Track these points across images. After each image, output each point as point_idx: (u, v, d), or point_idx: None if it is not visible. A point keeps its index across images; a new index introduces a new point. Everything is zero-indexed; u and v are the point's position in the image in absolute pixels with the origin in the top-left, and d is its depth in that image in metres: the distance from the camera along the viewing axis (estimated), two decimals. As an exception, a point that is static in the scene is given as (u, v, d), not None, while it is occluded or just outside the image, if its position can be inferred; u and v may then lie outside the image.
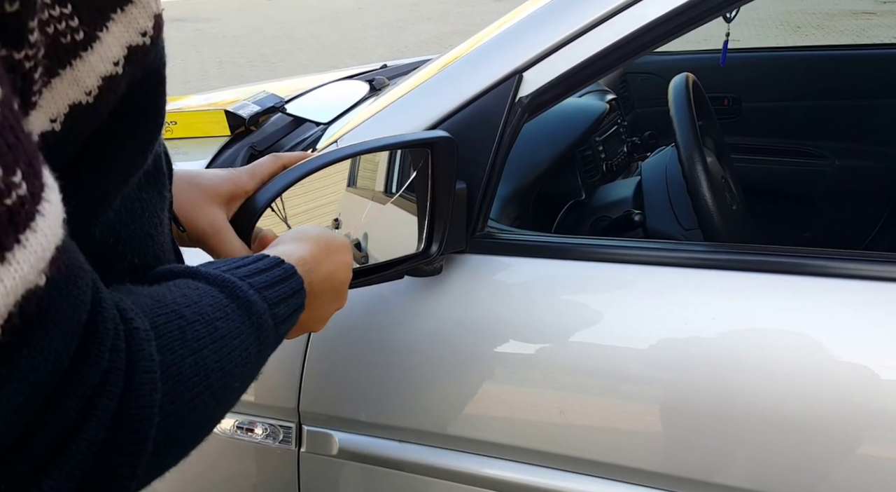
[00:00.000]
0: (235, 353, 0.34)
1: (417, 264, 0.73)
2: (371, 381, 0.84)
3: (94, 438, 0.26)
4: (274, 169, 0.60)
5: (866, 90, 1.73)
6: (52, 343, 0.24)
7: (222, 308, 0.35)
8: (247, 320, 0.36)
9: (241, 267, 0.39)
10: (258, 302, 0.37)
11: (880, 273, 0.68)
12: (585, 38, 0.77)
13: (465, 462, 0.81)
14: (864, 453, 0.66)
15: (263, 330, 0.37)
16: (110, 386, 0.27)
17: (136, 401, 0.28)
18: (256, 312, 0.37)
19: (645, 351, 0.73)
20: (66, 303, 0.25)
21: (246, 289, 0.37)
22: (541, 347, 0.77)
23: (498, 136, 0.78)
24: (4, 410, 0.23)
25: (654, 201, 1.04)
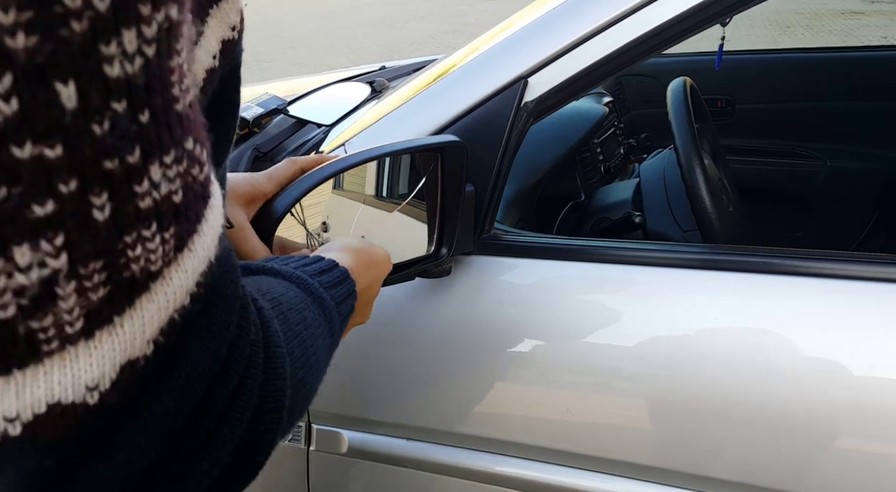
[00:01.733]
0: (319, 341, 0.36)
1: (428, 266, 0.74)
2: (380, 380, 0.85)
3: (248, 404, 0.28)
4: (292, 173, 0.61)
5: (857, 92, 1.76)
6: (225, 314, 0.26)
7: (303, 300, 0.37)
8: (321, 314, 0.38)
9: (307, 266, 0.41)
10: (328, 299, 0.39)
11: (871, 274, 0.70)
12: (589, 45, 0.78)
13: (472, 459, 0.82)
14: (871, 451, 0.68)
15: (333, 324, 0.39)
16: (255, 358, 0.28)
17: (274, 372, 0.30)
18: (327, 307, 0.39)
19: (649, 350, 0.75)
20: (227, 278, 0.26)
21: (317, 286, 0.39)
22: (548, 347, 0.78)
23: (504, 140, 0.79)
24: (192, 374, 0.25)
25: (652, 203, 1.06)
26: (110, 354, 0.22)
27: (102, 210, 0.20)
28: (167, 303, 0.23)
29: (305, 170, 0.61)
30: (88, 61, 0.19)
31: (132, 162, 0.21)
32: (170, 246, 0.23)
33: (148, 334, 0.23)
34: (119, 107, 0.20)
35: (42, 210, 0.19)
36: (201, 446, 0.26)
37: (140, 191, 0.21)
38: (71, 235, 0.20)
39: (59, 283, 0.20)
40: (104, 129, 0.20)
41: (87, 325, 0.21)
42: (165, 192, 0.22)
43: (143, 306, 0.22)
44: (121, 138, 0.20)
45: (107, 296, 0.21)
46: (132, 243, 0.21)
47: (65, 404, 0.21)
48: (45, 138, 0.18)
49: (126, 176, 0.21)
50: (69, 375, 0.21)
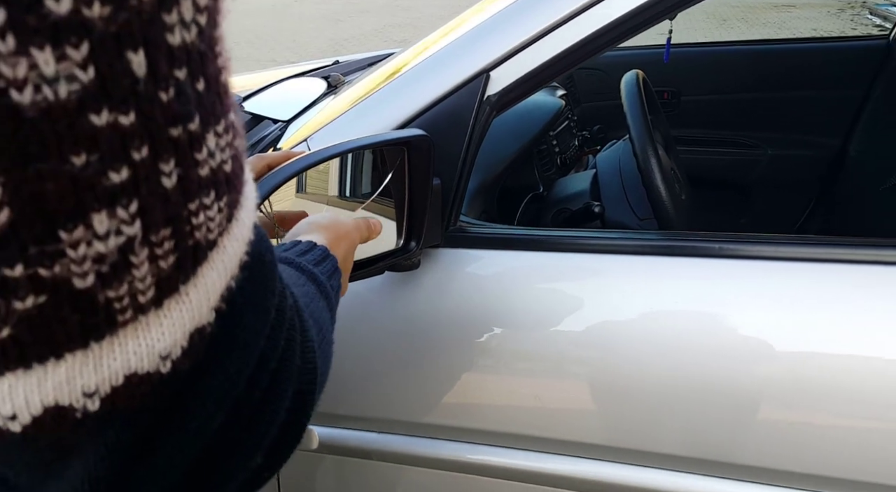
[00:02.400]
0: (323, 314, 0.38)
1: (397, 260, 0.75)
2: (349, 375, 0.85)
3: (293, 364, 0.29)
4: (259, 169, 0.61)
5: (792, 82, 1.84)
6: (269, 280, 0.27)
7: (300, 277, 0.38)
8: (317, 289, 0.39)
9: (288, 249, 0.42)
10: (319, 274, 0.40)
11: (812, 255, 0.74)
12: (550, 38, 0.80)
13: (445, 449, 0.83)
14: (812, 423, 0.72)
15: (329, 299, 0.41)
16: (294, 321, 0.30)
17: (306, 334, 0.31)
18: (321, 282, 0.40)
19: (611, 336, 0.77)
20: (263, 246, 0.27)
21: (307, 265, 0.40)
22: (515, 336, 0.80)
23: (468, 133, 0.80)
24: (248, 337, 0.26)
25: (609, 193, 1.09)
26: (180, 323, 0.22)
27: (170, 177, 0.21)
28: (224, 271, 0.24)
29: (273, 166, 0.61)
30: (154, 29, 0.19)
31: (193, 129, 0.21)
32: (224, 215, 0.23)
33: (212, 302, 0.23)
34: (181, 74, 0.20)
35: (118, 177, 0.19)
36: (259, 407, 0.27)
37: (200, 158, 0.22)
38: (144, 202, 0.20)
39: (135, 250, 0.20)
40: (170, 96, 0.20)
41: (157, 293, 0.21)
42: (219, 160, 0.23)
43: (206, 274, 0.23)
44: (185, 105, 0.21)
45: (175, 263, 0.22)
46: (196, 211, 0.22)
47: (141, 374, 0.22)
48: (120, 105, 0.19)
49: (189, 143, 0.21)
50: (143, 344, 0.21)
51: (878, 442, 0.70)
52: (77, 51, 0.18)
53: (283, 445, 0.30)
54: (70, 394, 0.20)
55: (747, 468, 0.75)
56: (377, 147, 0.74)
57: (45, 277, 0.19)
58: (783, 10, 7.38)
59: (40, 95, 0.17)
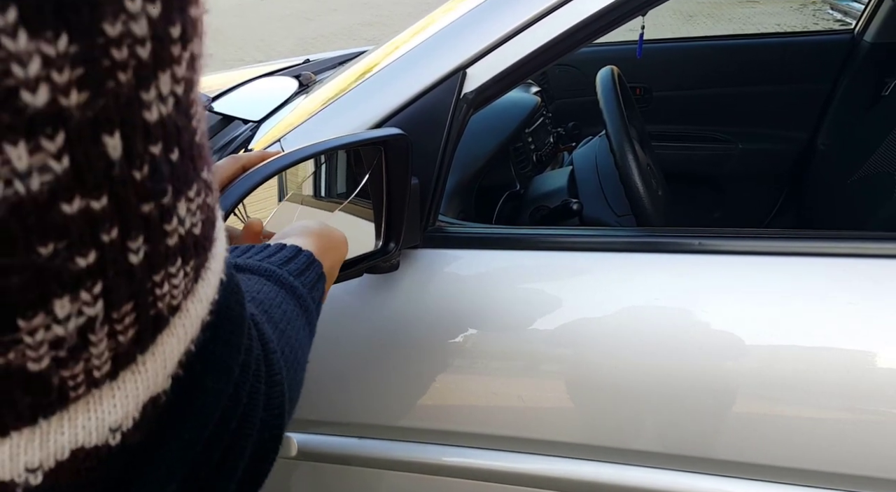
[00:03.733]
0: (301, 334, 0.37)
1: (376, 262, 0.73)
2: (328, 380, 0.84)
3: (255, 419, 0.28)
4: (234, 171, 0.59)
5: (761, 76, 1.87)
6: (235, 337, 0.26)
7: (279, 294, 0.37)
8: (297, 304, 0.38)
9: (271, 256, 0.41)
10: (299, 287, 0.39)
11: (782, 249, 0.74)
12: (525, 35, 0.79)
13: (427, 453, 0.82)
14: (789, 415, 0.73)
15: (309, 313, 0.39)
16: (259, 373, 0.29)
17: (273, 379, 0.30)
18: (301, 296, 0.39)
19: (592, 334, 0.76)
20: (232, 300, 0.26)
21: (287, 276, 0.39)
22: (495, 336, 0.79)
23: (446, 131, 0.79)
24: (208, 402, 0.25)
25: (587, 190, 1.09)
26: (134, 393, 0.21)
27: (137, 253, 0.20)
28: (185, 335, 0.23)
29: (248, 168, 0.59)
30: (131, 110, 0.19)
31: (165, 202, 0.21)
32: (189, 279, 0.23)
33: (168, 369, 0.23)
34: (156, 150, 0.20)
35: (84, 261, 0.19)
36: (217, 467, 0.26)
37: (170, 229, 0.21)
38: (109, 282, 0.19)
39: (95, 330, 0.20)
40: (144, 174, 0.19)
41: (113, 367, 0.21)
42: (189, 225, 0.22)
43: (165, 342, 0.22)
44: (158, 181, 0.20)
45: (134, 336, 0.21)
46: (160, 281, 0.21)
47: (88, 447, 0.21)
48: (92, 191, 0.18)
49: (160, 217, 0.20)
50: (93, 418, 0.20)
51: (857, 434, 0.70)
52: (52, 142, 0.17)
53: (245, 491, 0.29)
54: (11, 470, 0.19)
55: (726, 463, 0.75)
56: (354, 147, 0.72)
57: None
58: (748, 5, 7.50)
59: (10, 190, 0.16)
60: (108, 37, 0.17)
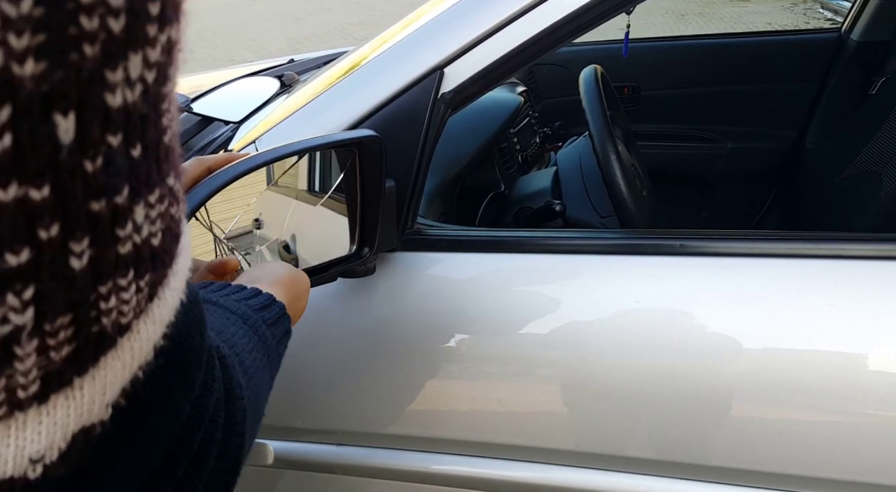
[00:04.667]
0: (264, 384, 0.35)
1: (351, 266, 0.72)
2: (305, 386, 0.82)
3: (206, 467, 0.26)
4: (198, 173, 0.57)
5: (750, 75, 1.86)
6: (190, 370, 0.24)
7: (251, 340, 0.35)
8: (264, 354, 0.36)
9: (248, 299, 0.39)
10: (270, 338, 0.37)
11: (770, 250, 0.73)
12: (505, 32, 0.78)
13: (407, 460, 0.81)
14: (776, 419, 0.72)
15: (273, 366, 0.38)
16: (217, 417, 0.27)
17: (234, 428, 0.28)
18: (269, 347, 0.37)
19: (573, 337, 0.75)
20: (192, 328, 0.24)
21: (261, 324, 0.37)
22: (477, 340, 0.78)
23: (423, 132, 0.77)
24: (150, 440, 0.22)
25: (571, 191, 1.08)
26: (63, 421, 0.19)
27: (80, 257, 0.17)
28: (132, 359, 0.20)
29: (213, 169, 0.57)
30: (92, 89, 0.16)
31: (119, 202, 0.18)
32: (143, 295, 0.20)
33: (108, 397, 0.20)
34: (114, 140, 0.17)
35: (16, 259, 0.16)
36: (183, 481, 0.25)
37: (122, 235, 0.19)
38: (42, 287, 0.17)
39: (21, 341, 0.17)
40: (96, 165, 0.17)
41: (42, 388, 0.18)
42: (146, 234, 0.19)
43: (108, 365, 0.19)
44: (112, 176, 0.18)
45: (71, 354, 0.18)
46: (106, 294, 0.19)
47: (2, 479, 0.18)
48: (33, 178, 0.16)
49: (111, 219, 0.18)
50: (12, 446, 0.18)
51: (847, 438, 0.69)
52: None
53: None
54: None
55: (717, 470, 0.74)
56: (327, 148, 0.71)
57: None
58: (739, 4, 7.52)
59: None
60: (80, 3, 0.16)
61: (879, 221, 1.30)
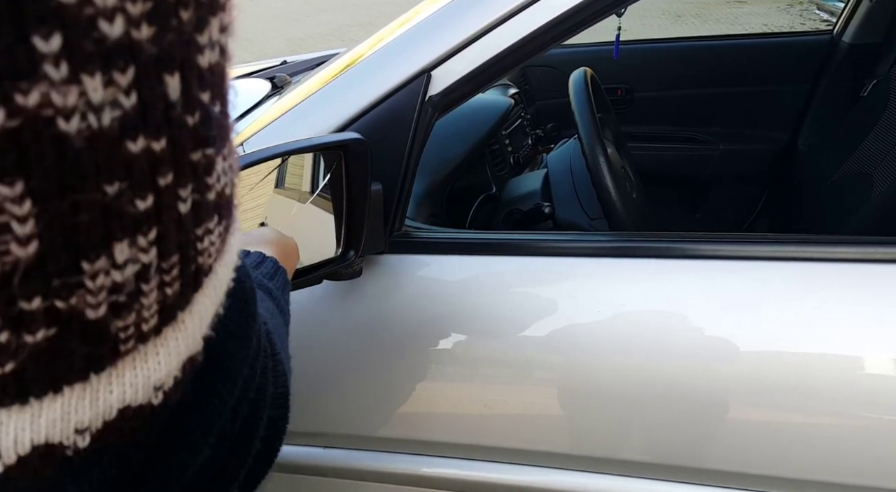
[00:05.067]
0: (282, 329, 0.39)
1: (336, 269, 0.72)
2: (293, 388, 0.82)
3: (267, 392, 0.29)
4: None
5: (742, 77, 1.86)
6: (251, 307, 0.27)
7: (263, 297, 0.39)
8: (275, 306, 0.40)
9: (257, 266, 0.43)
10: (274, 289, 0.41)
11: (762, 253, 0.73)
12: (492, 35, 0.78)
13: (394, 462, 0.81)
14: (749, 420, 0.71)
15: (284, 312, 0.42)
16: (267, 349, 0.30)
17: (276, 356, 0.32)
18: (276, 297, 0.41)
19: (562, 340, 0.75)
20: (244, 273, 0.27)
21: (262, 279, 0.41)
22: (464, 342, 0.78)
23: (411, 135, 0.78)
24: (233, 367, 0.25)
25: (561, 193, 1.08)
26: (176, 352, 0.21)
27: (186, 202, 0.20)
28: (215, 297, 0.23)
29: None
30: (189, 51, 0.19)
31: (209, 153, 0.21)
32: (221, 239, 0.23)
33: (204, 329, 0.23)
34: (206, 97, 0.20)
35: (143, 204, 0.18)
36: (238, 438, 0.27)
37: (210, 182, 0.21)
38: (162, 229, 0.19)
39: (148, 278, 0.19)
40: (196, 119, 0.19)
41: (159, 322, 0.20)
42: (224, 183, 0.22)
43: (200, 301, 0.22)
44: (207, 128, 0.20)
45: (179, 290, 0.21)
46: (202, 236, 0.21)
47: (134, 406, 0.21)
48: (154, 132, 0.18)
49: (205, 167, 0.20)
50: (140, 375, 0.20)
51: (838, 440, 0.69)
52: (123, 76, 0.17)
53: (256, 472, 0.30)
54: (62, 431, 0.19)
55: (708, 472, 0.74)
56: (312, 151, 0.71)
57: (61, 310, 0.18)
58: (735, 6, 7.53)
59: (85, 124, 0.16)
60: None
61: (870, 222, 1.30)
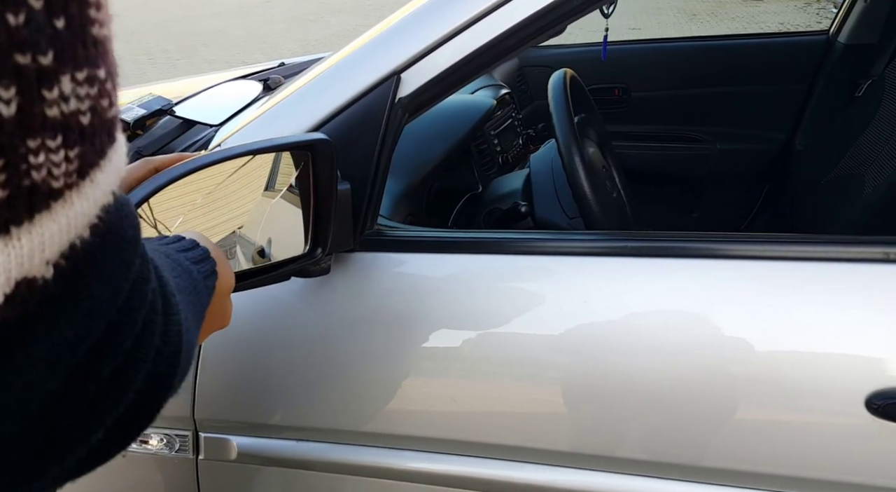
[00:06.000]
0: (193, 307, 0.40)
1: (304, 265, 0.74)
2: (265, 383, 0.84)
3: (150, 345, 0.29)
4: (143, 173, 0.60)
5: (739, 77, 1.86)
6: (125, 253, 0.27)
7: (175, 269, 0.40)
8: (191, 283, 0.41)
9: (169, 244, 0.45)
10: (194, 271, 0.43)
11: (754, 253, 0.74)
12: (458, 39, 0.79)
13: (365, 455, 0.83)
14: (741, 418, 0.72)
15: (200, 294, 0.42)
16: (156, 303, 0.30)
17: (171, 318, 0.32)
18: (195, 279, 0.42)
19: (530, 337, 0.77)
20: (126, 221, 0.27)
21: (185, 261, 0.42)
22: (433, 339, 0.79)
23: (380, 136, 0.79)
24: (93, 307, 0.25)
25: (541, 192, 1.09)
26: (4, 266, 0.21)
27: (9, 105, 0.20)
28: (68, 226, 0.23)
29: (160, 169, 0.60)
30: None
31: (44, 64, 0.21)
32: (73, 167, 0.23)
33: (47, 254, 0.23)
34: (36, 4, 0.21)
35: None
36: (107, 384, 0.27)
37: (49, 97, 0.21)
38: None
39: None
40: (19, 20, 0.20)
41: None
42: (74, 108, 0.22)
43: (43, 223, 0.22)
44: (35, 33, 0.21)
45: (5, 199, 0.21)
46: (35, 149, 0.21)
47: None
48: None
49: (37, 76, 0.21)
50: None
51: (841, 439, 0.69)
52: None
53: (132, 424, 0.31)
54: None
55: (705, 470, 0.74)
56: (279, 150, 0.73)
57: None
58: (751, 4, 7.45)
59: None
60: None
61: (862, 222, 1.29)
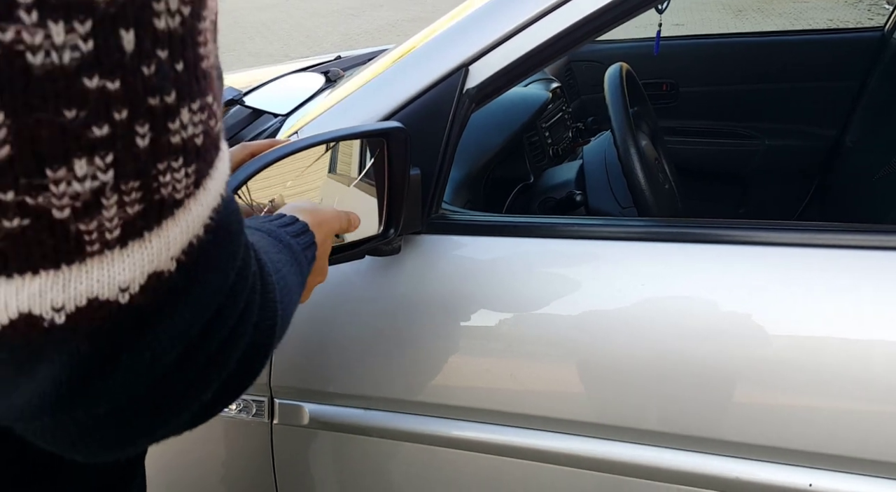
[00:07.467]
0: (292, 278, 0.45)
1: (377, 245, 0.79)
2: (337, 354, 0.90)
3: (250, 321, 0.34)
4: (242, 157, 0.66)
5: (789, 73, 1.85)
6: (232, 246, 0.31)
7: (276, 246, 0.46)
8: (291, 257, 0.46)
9: (272, 221, 0.50)
10: (295, 245, 0.48)
11: (798, 240, 0.76)
12: (526, 33, 0.83)
13: (426, 424, 0.88)
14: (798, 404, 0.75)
15: (301, 266, 0.48)
16: (255, 285, 0.35)
17: (268, 295, 0.36)
18: (295, 251, 0.47)
19: (584, 318, 0.81)
20: (232, 218, 0.32)
21: (285, 235, 0.48)
22: (493, 318, 0.84)
23: (448, 126, 0.84)
24: (206, 292, 0.30)
25: (594, 182, 1.13)
26: (140, 263, 0.26)
27: (144, 138, 0.25)
28: (187, 228, 0.28)
29: (256, 154, 0.66)
30: (144, 14, 0.24)
31: (169, 102, 0.26)
32: (191, 180, 0.28)
33: (172, 252, 0.27)
34: (163, 54, 0.25)
35: (100, 131, 0.24)
36: (215, 354, 0.32)
37: (173, 128, 0.26)
38: (118, 155, 0.24)
39: (106, 194, 0.25)
40: (151, 70, 0.24)
41: (122, 234, 0.26)
42: (191, 133, 0.27)
43: (169, 227, 0.27)
44: (163, 80, 0.25)
45: (140, 212, 0.26)
46: (163, 171, 0.26)
47: (101, 299, 0.26)
48: (109, 74, 0.23)
49: (164, 113, 0.25)
50: (106, 275, 0.26)
51: (863, 420, 0.71)
52: (82, 26, 0.22)
53: (235, 386, 0.35)
54: (41, 306, 0.25)
55: (728, 444, 0.77)
56: (357, 138, 0.78)
57: (30, 205, 0.23)
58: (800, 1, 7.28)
59: (48, 59, 0.22)
60: None
61: (913, 219, 1.30)
